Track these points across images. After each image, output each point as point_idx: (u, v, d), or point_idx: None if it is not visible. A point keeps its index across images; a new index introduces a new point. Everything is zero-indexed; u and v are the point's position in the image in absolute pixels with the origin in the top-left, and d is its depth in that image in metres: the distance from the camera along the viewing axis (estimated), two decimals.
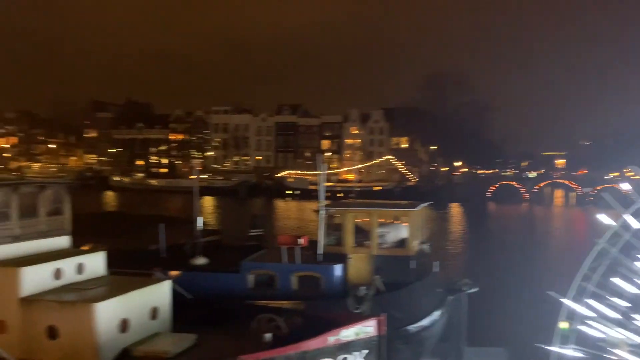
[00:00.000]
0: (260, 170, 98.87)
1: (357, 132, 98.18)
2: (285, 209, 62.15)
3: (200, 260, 14.53)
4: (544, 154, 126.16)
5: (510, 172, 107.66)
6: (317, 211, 14.46)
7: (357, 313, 11.87)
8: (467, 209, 65.01)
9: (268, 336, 9.19)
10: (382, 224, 14.61)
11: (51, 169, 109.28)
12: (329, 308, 11.51)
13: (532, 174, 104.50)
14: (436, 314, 13.64)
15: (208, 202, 66.38)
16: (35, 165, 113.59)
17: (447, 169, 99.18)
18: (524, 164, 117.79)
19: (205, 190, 77.82)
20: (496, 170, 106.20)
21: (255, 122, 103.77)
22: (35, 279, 9.54)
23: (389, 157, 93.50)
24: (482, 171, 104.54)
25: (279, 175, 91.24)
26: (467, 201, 70.36)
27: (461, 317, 14.39)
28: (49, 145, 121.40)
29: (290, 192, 79.95)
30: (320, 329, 9.14)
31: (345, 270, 13.73)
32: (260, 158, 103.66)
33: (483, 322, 16.61)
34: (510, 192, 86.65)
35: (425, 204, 15.67)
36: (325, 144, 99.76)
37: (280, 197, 76.54)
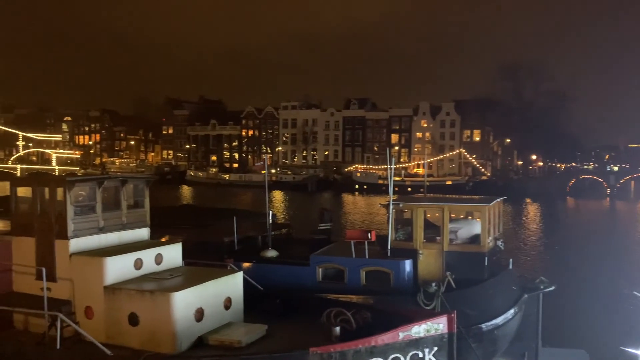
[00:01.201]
0: (328, 164, 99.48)
1: (427, 125, 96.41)
2: (353, 203, 62.15)
3: (271, 253, 14.81)
4: (630, 146, 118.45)
5: (590, 166, 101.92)
6: (386, 206, 14.32)
7: (427, 309, 11.68)
8: (544, 204, 62.20)
9: (337, 330, 9.22)
10: (453, 220, 14.26)
11: (131, 164, 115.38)
12: (398, 304, 11.39)
13: (615, 168, 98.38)
14: (510, 313, 13.16)
15: (277, 196, 67.63)
16: (117, 161, 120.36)
17: (522, 162, 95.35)
18: (606, 157, 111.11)
19: (275, 185, 79.50)
20: (575, 164, 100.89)
21: (324, 117, 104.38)
22: (118, 268, 10.09)
23: (460, 150, 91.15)
24: (560, 165, 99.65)
25: (347, 169, 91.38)
26: (543, 196, 67.32)
27: (537, 317, 13.81)
28: (129, 142, 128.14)
29: (358, 186, 79.80)
30: (389, 324, 9.06)
31: (415, 266, 13.53)
32: (328, 152, 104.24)
33: (560, 322, 15.88)
34: (591, 186, 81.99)
35: (500, 199, 15.12)
36: (394, 137, 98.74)
37: (348, 191, 76.64)
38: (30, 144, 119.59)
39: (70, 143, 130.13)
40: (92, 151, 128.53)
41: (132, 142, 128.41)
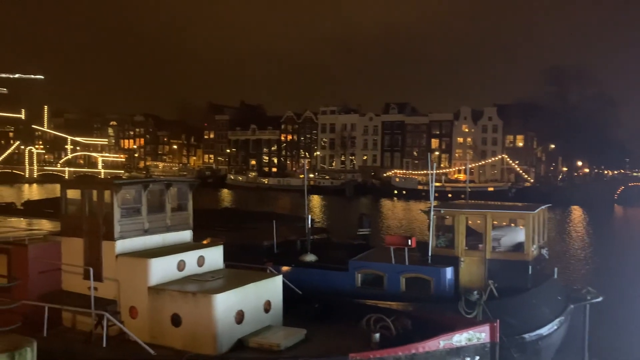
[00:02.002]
0: (366, 169, 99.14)
1: (468, 130, 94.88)
2: (392, 208, 61.66)
3: (310, 257, 14.85)
4: None
5: None
6: (426, 212, 14.15)
7: (468, 318, 11.45)
8: (591, 212, 60.14)
9: (377, 336, 9.15)
10: (496, 227, 13.96)
11: (174, 168, 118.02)
12: (438, 311, 11.21)
13: None
14: (555, 324, 12.75)
15: (316, 200, 67.79)
16: (160, 164, 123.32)
17: (567, 169, 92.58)
18: None
19: (313, 189, 79.75)
20: (624, 171, 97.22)
21: (362, 122, 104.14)
22: (161, 269, 10.32)
23: (502, 156, 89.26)
24: (608, 172, 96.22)
25: (385, 174, 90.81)
26: (590, 204, 65.09)
27: (583, 329, 13.34)
28: (172, 146, 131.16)
29: (397, 191, 79.13)
30: (430, 332, 8.94)
31: (456, 273, 13.30)
32: (366, 157, 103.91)
33: (608, 335, 15.26)
34: None
35: (545, 206, 14.71)
36: (434, 142, 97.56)
37: (386, 196, 76.08)
38: (78, 148, 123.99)
39: (116, 147, 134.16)
40: (136, 155, 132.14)
41: (175, 146, 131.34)
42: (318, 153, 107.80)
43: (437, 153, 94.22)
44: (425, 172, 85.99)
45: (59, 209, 11.82)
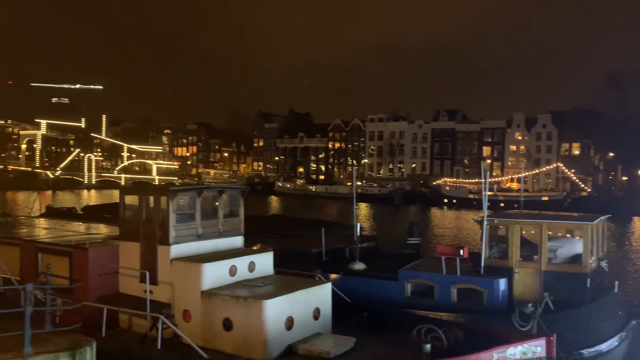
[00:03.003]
0: (415, 177, 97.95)
1: (521, 137, 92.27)
2: (442, 218, 60.61)
3: (358, 265, 14.79)
4: None
5: None
6: (479, 221, 13.84)
7: (523, 331, 11.10)
8: None
9: (428, 347, 9.01)
10: (552, 237, 13.50)
11: (224, 175, 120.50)
12: (491, 324, 10.93)
13: None
14: (615, 339, 12.17)
15: (363, 208, 67.49)
16: (211, 172, 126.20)
17: (627, 178, 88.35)
18: None
19: (361, 197, 79.34)
20: None
21: (411, 129, 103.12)
22: (214, 274, 10.54)
23: (557, 164, 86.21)
24: None
25: (435, 182, 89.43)
26: None
27: None
28: (223, 154, 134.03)
29: (447, 200, 77.71)
30: (482, 344, 8.73)
31: (510, 285, 12.94)
32: (415, 165, 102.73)
33: None
34: None
35: (604, 217, 14.10)
36: (486, 150, 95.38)
37: (436, 205, 74.79)
38: (134, 155, 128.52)
39: (170, 154, 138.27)
40: (189, 162, 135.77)
41: (226, 154, 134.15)
42: (366, 161, 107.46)
43: (488, 161, 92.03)
44: (476, 180, 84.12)
45: (118, 214, 12.27)
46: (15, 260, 12.78)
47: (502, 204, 57.65)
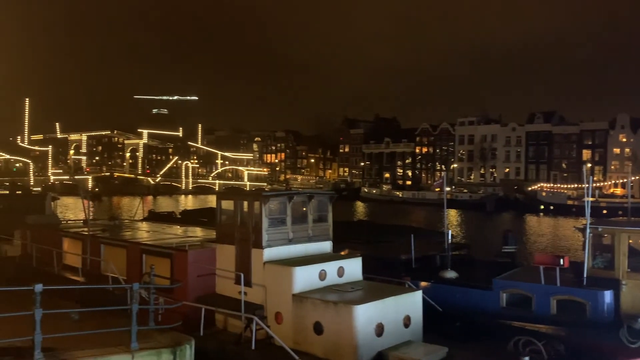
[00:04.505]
0: (508, 182, 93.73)
1: (626, 140, 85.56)
2: (538, 225, 57.52)
3: (450, 274, 14.41)
4: None
5: None
6: (581, 229, 12.99)
7: (633, 348, 10.25)
8: None
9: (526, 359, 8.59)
10: None
11: (311, 181, 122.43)
12: (595, 338, 10.20)
13: None
14: None
15: (453, 215, 65.65)
16: (299, 177, 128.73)
17: None
18: None
19: (451, 203, 77.15)
20: None
21: (504, 132, 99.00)
22: (305, 278, 10.72)
23: None
24: None
25: (530, 188, 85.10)
26: None
27: None
28: (310, 160, 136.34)
29: (544, 207, 73.61)
30: (585, 359, 8.18)
31: (616, 297, 12.01)
32: (508, 170, 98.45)
33: None
34: None
35: None
36: (586, 154, 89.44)
37: (531, 212, 71.02)
38: (227, 162, 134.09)
39: (259, 161, 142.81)
40: (277, 168, 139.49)
41: (312, 160, 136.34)
42: (455, 165, 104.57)
43: (589, 165, 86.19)
44: (576, 185, 79.06)
45: (215, 218, 12.83)
46: (122, 261, 13.77)
47: (604, 211, 53.67)
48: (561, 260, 12.32)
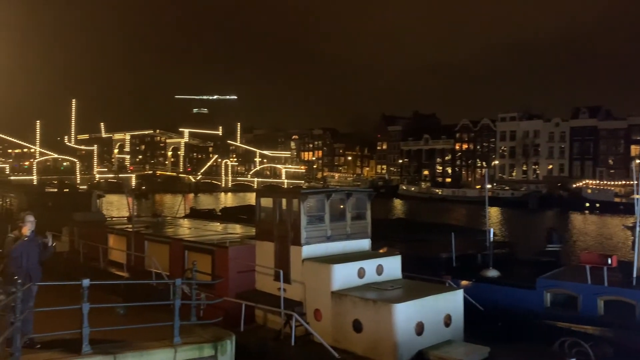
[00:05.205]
0: (552, 179, 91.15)
1: None
2: (583, 223, 55.74)
3: (492, 273, 14.13)
4: None
5: None
6: (631, 227, 12.56)
7: None
8: None
9: None
10: None
11: (348, 179, 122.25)
12: None
13: None
14: None
15: (494, 212, 64.32)
16: (336, 175, 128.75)
17: None
18: None
19: (492, 201, 75.37)
20: None
21: (547, 128, 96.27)
22: (343, 275, 10.70)
23: None
24: None
25: (575, 185, 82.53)
26: None
27: None
28: (347, 157, 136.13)
29: (589, 204, 71.24)
30: None
31: None
32: (552, 167, 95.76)
33: None
34: None
35: None
36: (635, 149, 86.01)
37: (576, 209, 68.85)
38: (265, 160, 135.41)
39: (297, 159, 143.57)
40: (315, 166, 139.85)
41: (350, 158, 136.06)
42: (496, 162, 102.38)
43: (638, 161, 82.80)
44: (624, 182, 76.18)
45: (254, 216, 12.97)
46: (165, 257, 14.09)
47: None
48: (609, 260, 11.92)
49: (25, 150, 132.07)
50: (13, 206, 24.75)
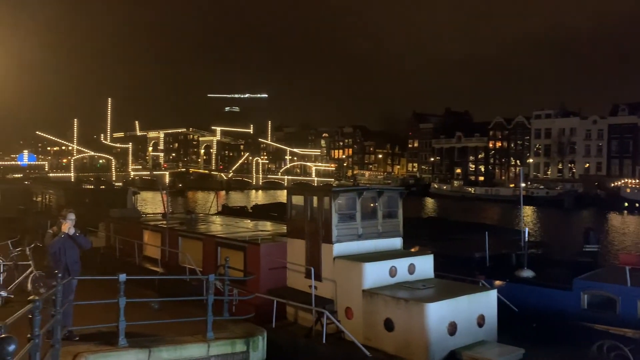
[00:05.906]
0: (589, 178, 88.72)
1: None
2: (622, 223, 54.10)
3: (527, 273, 13.84)
4: None
5: None
6: None
7: None
8: None
9: None
10: None
11: (379, 177, 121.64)
12: None
13: None
14: None
15: (528, 211, 63.07)
16: (366, 173, 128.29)
17: None
18: None
19: (526, 200, 73.98)
20: None
21: (584, 125, 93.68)
22: (375, 274, 10.65)
23: None
24: None
25: (613, 184, 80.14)
26: None
27: None
28: (377, 155, 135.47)
29: (628, 204, 69.05)
30: None
31: None
32: (589, 165, 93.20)
33: None
34: None
35: None
36: None
37: (614, 209, 66.84)
38: (295, 158, 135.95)
39: (327, 157, 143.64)
40: (345, 164, 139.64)
41: (380, 156, 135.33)
42: (531, 160, 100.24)
43: None
44: None
45: (286, 213, 13.03)
46: (198, 253, 14.29)
47: None
48: None
49: (63, 147, 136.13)
50: (52, 202, 25.54)
